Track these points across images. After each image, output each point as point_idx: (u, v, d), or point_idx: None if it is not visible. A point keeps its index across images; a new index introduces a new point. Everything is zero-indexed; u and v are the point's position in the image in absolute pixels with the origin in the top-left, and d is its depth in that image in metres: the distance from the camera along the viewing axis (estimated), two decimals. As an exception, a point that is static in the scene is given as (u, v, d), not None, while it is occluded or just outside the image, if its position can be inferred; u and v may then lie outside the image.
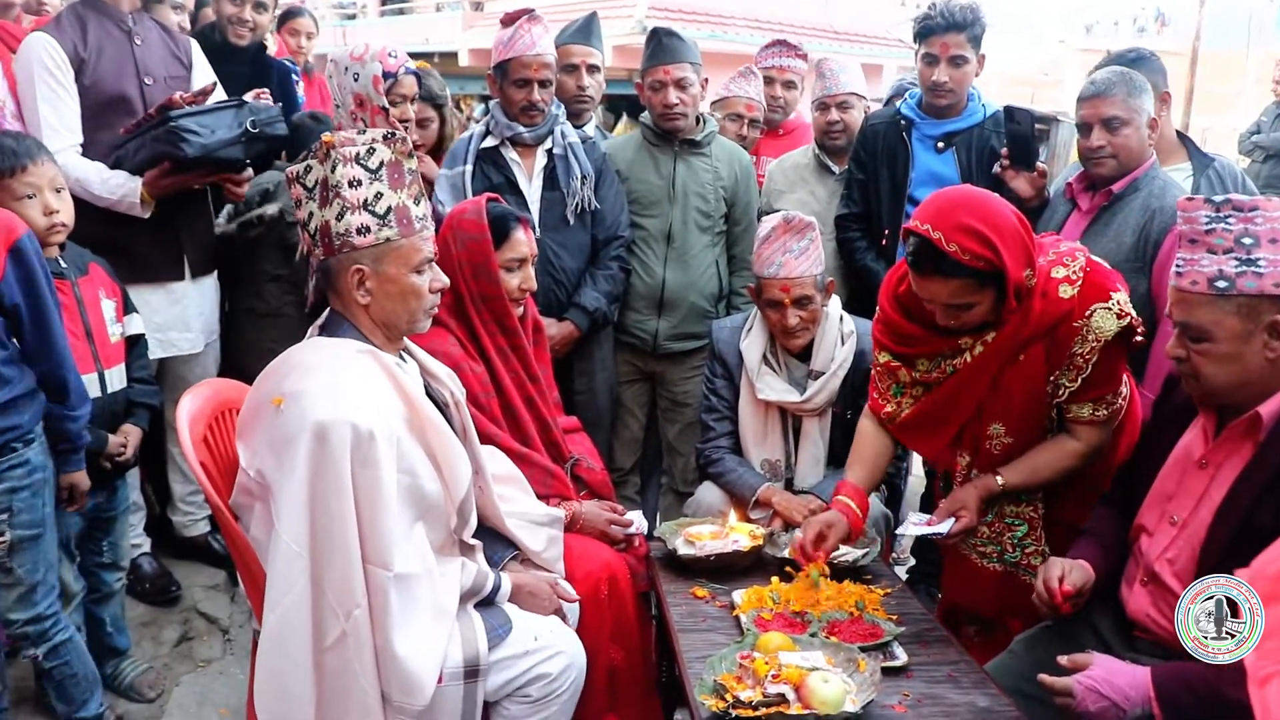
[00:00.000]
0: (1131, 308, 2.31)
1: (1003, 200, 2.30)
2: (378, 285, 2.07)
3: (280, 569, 1.92)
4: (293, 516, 1.91)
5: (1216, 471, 1.98)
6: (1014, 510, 2.50)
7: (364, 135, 2.06)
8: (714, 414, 3.14)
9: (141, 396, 2.83)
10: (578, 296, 3.36)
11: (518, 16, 3.27)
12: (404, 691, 1.96)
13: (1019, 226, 2.24)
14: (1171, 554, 2.02)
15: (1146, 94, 2.82)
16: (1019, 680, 2.12)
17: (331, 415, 1.91)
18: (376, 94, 3.09)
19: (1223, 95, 23.75)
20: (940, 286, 2.24)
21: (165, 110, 2.92)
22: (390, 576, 1.95)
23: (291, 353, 2.09)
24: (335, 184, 2.02)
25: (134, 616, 3.19)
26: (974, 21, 3.29)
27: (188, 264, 3.21)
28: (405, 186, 2.07)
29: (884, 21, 17.47)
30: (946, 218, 2.19)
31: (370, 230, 2.03)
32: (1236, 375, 1.90)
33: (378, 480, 1.94)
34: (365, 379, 2.02)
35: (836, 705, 1.83)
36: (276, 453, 1.95)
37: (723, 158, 3.57)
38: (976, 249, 2.16)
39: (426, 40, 17.26)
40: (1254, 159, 7.96)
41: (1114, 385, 2.37)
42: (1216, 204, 1.87)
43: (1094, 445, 2.42)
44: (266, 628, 1.94)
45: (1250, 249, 1.84)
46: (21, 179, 2.51)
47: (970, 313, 2.28)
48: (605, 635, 2.55)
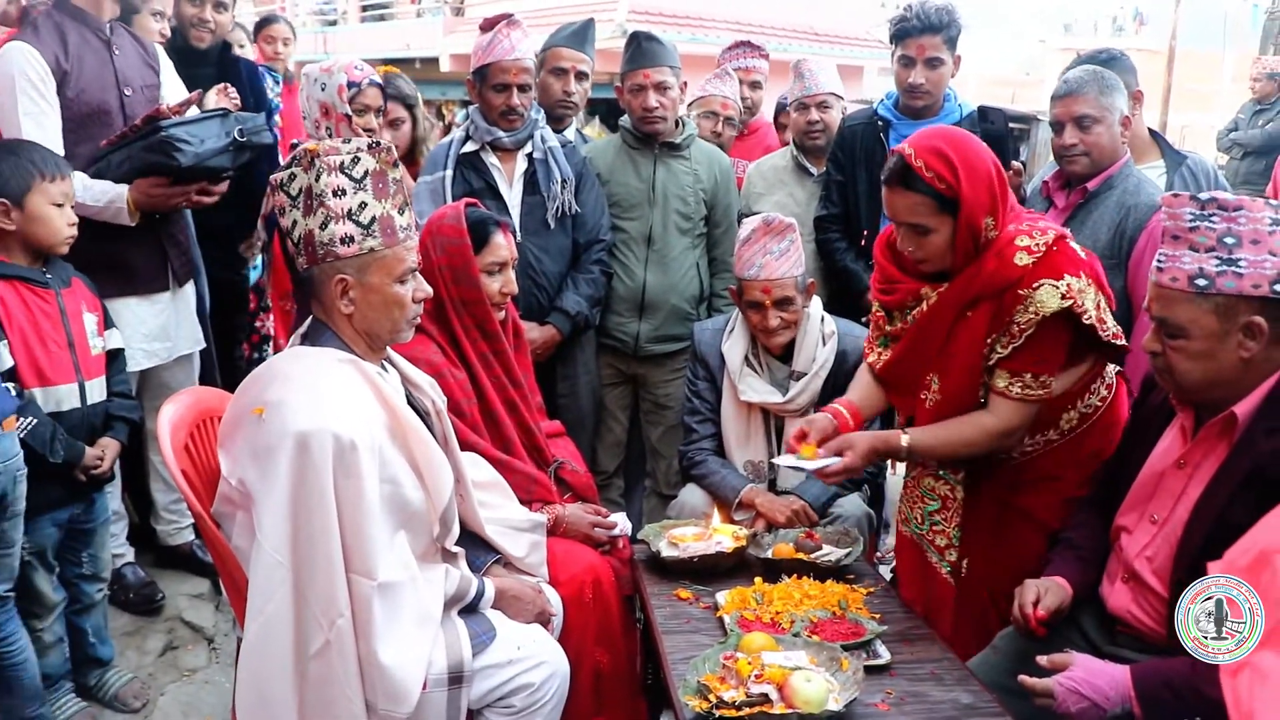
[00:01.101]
0: (1091, 300, 2.27)
1: (988, 150, 2.35)
2: (361, 295, 2.07)
3: (261, 578, 1.92)
4: (274, 526, 1.91)
5: (1194, 471, 2.00)
6: (930, 484, 2.54)
7: (349, 144, 2.06)
8: (696, 416, 3.15)
9: (121, 410, 2.82)
10: (559, 300, 3.37)
11: (496, 22, 3.28)
12: (389, 699, 1.96)
13: (992, 173, 2.29)
14: (1150, 552, 2.04)
15: (1118, 92, 2.86)
16: (1002, 676, 2.13)
17: (313, 425, 1.91)
18: (340, 102, 3.12)
19: (1200, 93, 23.89)
20: (901, 199, 2.31)
21: (152, 121, 2.91)
22: (374, 585, 1.95)
23: (273, 362, 2.09)
24: (319, 193, 2.02)
25: (118, 626, 3.17)
26: (949, 23, 3.31)
27: (171, 273, 3.21)
28: (389, 196, 2.08)
29: (863, 23, 17.50)
30: (924, 140, 2.30)
31: (354, 240, 2.03)
32: (1210, 373, 1.91)
33: (360, 490, 1.94)
34: (347, 388, 2.02)
35: (819, 704, 1.84)
36: (259, 462, 1.95)
37: (702, 160, 3.59)
38: (940, 169, 2.24)
39: (407, 45, 17.21)
40: (1232, 156, 8.05)
41: (1043, 368, 2.31)
42: (1202, 202, 1.88)
43: (1007, 426, 2.35)
44: (248, 636, 1.94)
45: (1232, 249, 1.85)
46: (59, 186, 2.62)
47: (927, 239, 2.31)
48: (590, 638, 2.55)
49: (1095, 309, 2.28)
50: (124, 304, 3.04)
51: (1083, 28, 35.50)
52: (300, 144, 3.10)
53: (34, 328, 2.59)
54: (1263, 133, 7.90)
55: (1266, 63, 8.34)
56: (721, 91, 4.11)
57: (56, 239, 2.64)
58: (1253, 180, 7.63)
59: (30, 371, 2.57)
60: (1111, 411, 2.47)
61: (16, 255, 2.62)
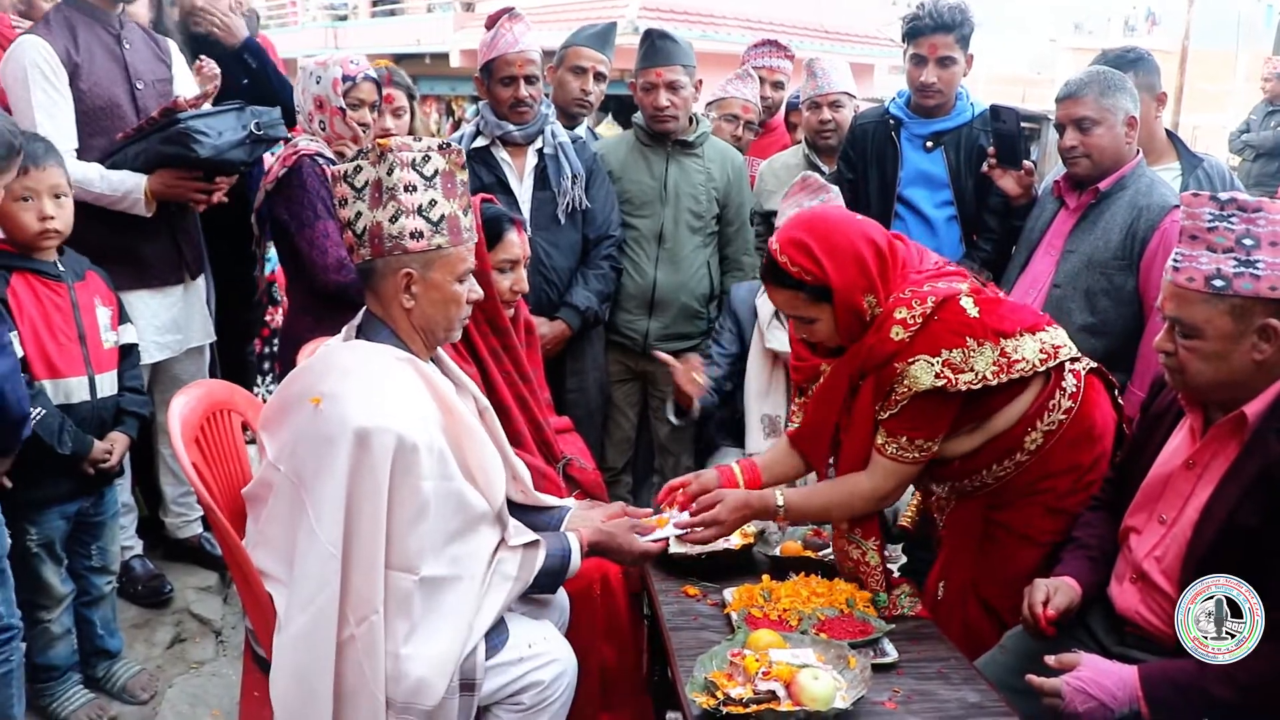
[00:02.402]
0: (984, 361, 2.19)
1: (863, 227, 2.30)
2: (423, 290, 2.09)
3: (314, 569, 1.93)
4: (331, 519, 1.92)
5: (1203, 471, 1.99)
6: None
7: (420, 143, 2.08)
8: (707, 359, 3.30)
9: (132, 405, 2.83)
10: (569, 296, 3.37)
11: (499, 17, 3.29)
12: (411, 693, 1.96)
13: (863, 251, 2.25)
14: (1159, 552, 2.03)
15: (1123, 93, 2.84)
16: (1009, 675, 2.12)
17: (374, 422, 1.91)
18: (335, 95, 3.13)
19: (1213, 94, 23.83)
20: (778, 296, 2.35)
21: (170, 113, 2.92)
22: (415, 580, 1.96)
23: (329, 353, 2.09)
24: (391, 186, 2.04)
25: (126, 618, 3.18)
26: (962, 22, 3.30)
27: (185, 266, 3.23)
28: (457, 197, 2.10)
29: (874, 21, 17.48)
30: (787, 232, 2.31)
31: (424, 235, 2.05)
32: (1222, 374, 1.90)
33: (416, 489, 1.95)
34: (406, 387, 2.03)
35: (827, 702, 1.84)
36: (316, 452, 1.95)
37: (715, 159, 3.59)
38: (804, 262, 2.24)
39: (418, 41, 17.24)
40: (1244, 158, 8.01)
41: (919, 434, 2.26)
42: (1221, 202, 1.87)
43: (881, 488, 2.33)
44: (296, 627, 1.94)
45: (1250, 250, 1.83)
46: (22, 181, 2.51)
47: (813, 327, 2.33)
48: (598, 634, 2.56)
49: (993, 364, 2.20)
50: (137, 296, 3.06)
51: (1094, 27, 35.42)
52: (292, 139, 3.13)
53: (44, 319, 2.59)
54: (1275, 134, 7.86)
55: (1279, 63, 8.29)
56: (743, 94, 4.11)
57: (26, 234, 2.56)
58: (1265, 182, 7.60)
59: (40, 363, 2.57)
60: (1080, 422, 2.34)
61: (23, 249, 2.61)
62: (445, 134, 4.22)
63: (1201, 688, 1.75)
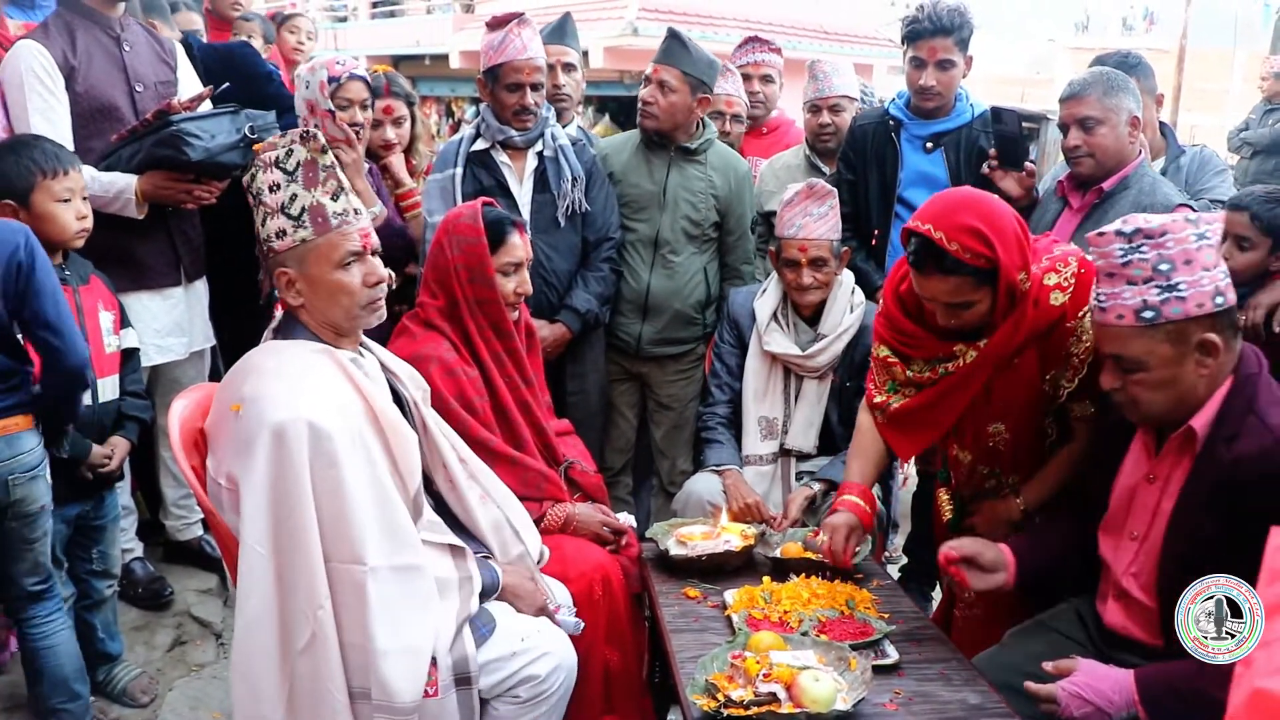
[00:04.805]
0: None
1: (1003, 202, 2.34)
2: (306, 287, 2.08)
3: (245, 572, 1.92)
4: (255, 518, 1.91)
5: (1165, 484, 2.02)
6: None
7: (285, 137, 2.08)
8: (716, 379, 3.30)
9: (133, 410, 2.84)
10: (569, 298, 3.37)
11: (505, 21, 3.27)
12: (384, 689, 1.93)
13: (1018, 228, 2.27)
14: (1135, 568, 2.06)
15: (1126, 93, 2.85)
16: (1009, 673, 2.13)
17: (288, 415, 1.91)
18: (323, 98, 3.14)
19: (1210, 93, 23.83)
20: (940, 284, 2.27)
21: (163, 115, 2.92)
22: (366, 570, 1.93)
23: (249, 357, 2.09)
24: (257, 190, 2.06)
25: (126, 621, 3.19)
26: (961, 24, 3.29)
27: (183, 269, 3.22)
28: (320, 184, 2.06)
29: (873, 21, 17.47)
30: (948, 218, 2.23)
31: (287, 233, 2.05)
32: (1173, 398, 1.93)
33: (340, 479, 1.93)
34: (321, 377, 2.02)
35: (828, 704, 1.84)
36: (240, 457, 1.95)
37: (719, 166, 3.55)
38: (977, 247, 2.20)
39: (417, 42, 17.21)
40: (1242, 155, 8.01)
41: None
42: (1128, 234, 1.89)
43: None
44: (236, 631, 1.94)
45: (1169, 274, 1.86)
46: (63, 182, 2.60)
47: (969, 311, 2.30)
48: (600, 636, 2.56)
49: None
50: (136, 298, 3.06)
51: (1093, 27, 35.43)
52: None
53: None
54: (1273, 132, 7.85)
55: (1277, 62, 8.27)
56: (724, 89, 4.09)
57: (66, 234, 2.64)
58: (1263, 179, 7.59)
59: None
60: None
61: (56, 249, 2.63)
62: (445, 135, 4.21)
63: (1199, 690, 1.75)
